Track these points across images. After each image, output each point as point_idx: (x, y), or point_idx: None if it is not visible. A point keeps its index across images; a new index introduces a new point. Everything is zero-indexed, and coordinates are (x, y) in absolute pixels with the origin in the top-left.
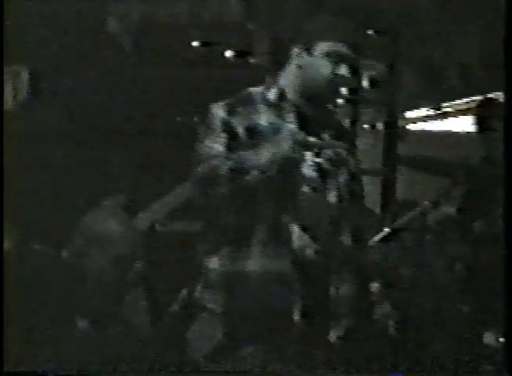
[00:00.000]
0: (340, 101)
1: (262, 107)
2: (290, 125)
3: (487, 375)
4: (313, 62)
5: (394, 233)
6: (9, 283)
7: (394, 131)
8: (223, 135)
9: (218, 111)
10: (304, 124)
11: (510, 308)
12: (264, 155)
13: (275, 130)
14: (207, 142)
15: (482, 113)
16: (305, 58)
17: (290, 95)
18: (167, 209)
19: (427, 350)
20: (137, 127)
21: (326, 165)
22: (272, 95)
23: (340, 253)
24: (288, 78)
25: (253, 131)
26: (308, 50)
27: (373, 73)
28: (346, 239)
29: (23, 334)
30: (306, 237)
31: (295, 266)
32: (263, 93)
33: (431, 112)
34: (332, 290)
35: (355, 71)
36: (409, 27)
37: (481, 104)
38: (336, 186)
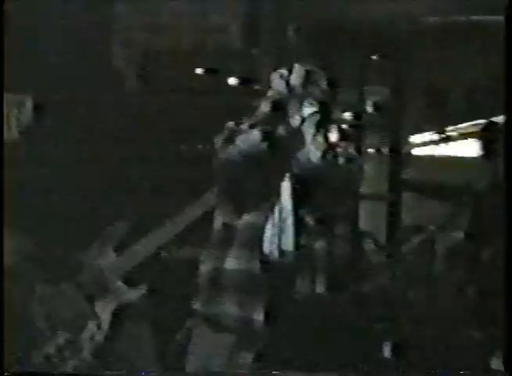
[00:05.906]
0: (345, 126)
1: None
2: None
3: None
4: None
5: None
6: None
7: (399, 155)
8: None
9: None
10: None
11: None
12: None
13: None
14: None
15: (486, 137)
16: None
17: None
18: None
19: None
20: (141, 154)
21: None
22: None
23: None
24: None
25: None
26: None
27: (378, 98)
28: None
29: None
30: None
31: None
32: None
33: (436, 136)
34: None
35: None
36: (413, 51)
37: (485, 128)
38: None
